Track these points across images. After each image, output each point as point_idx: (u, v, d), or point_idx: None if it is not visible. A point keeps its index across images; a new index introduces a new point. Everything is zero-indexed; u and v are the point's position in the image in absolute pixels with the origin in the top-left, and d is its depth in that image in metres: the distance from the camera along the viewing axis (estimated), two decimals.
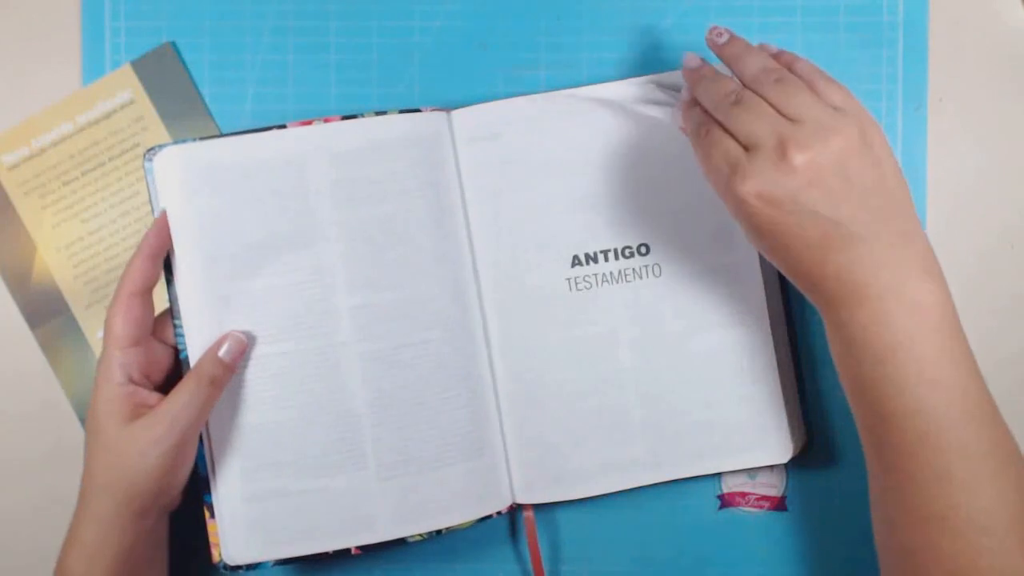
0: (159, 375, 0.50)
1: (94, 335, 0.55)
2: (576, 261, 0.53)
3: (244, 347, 0.50)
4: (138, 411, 0.47)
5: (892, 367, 0.42)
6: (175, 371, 0.50)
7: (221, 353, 0.49)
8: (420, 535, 0.51)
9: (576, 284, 0.53)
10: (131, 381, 0.48)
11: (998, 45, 0.55)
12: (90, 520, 0.47)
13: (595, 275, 0.53)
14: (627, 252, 0.53)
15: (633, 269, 0.53)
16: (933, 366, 0.42)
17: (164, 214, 0.49)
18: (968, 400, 0.42)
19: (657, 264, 0.53)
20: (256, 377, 0.50)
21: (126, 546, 0.47)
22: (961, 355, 0.43)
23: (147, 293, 0.49)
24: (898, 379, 0.42)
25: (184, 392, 0.47)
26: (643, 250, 0.53)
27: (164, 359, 0.50)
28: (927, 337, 0.42)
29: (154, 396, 0.48)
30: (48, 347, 0.55)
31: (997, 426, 0.43)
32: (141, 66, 0.55)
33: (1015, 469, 0.43)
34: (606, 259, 0.53)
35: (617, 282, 0.53)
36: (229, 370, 0.49)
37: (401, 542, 0.51)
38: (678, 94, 0.52)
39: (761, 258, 0.52)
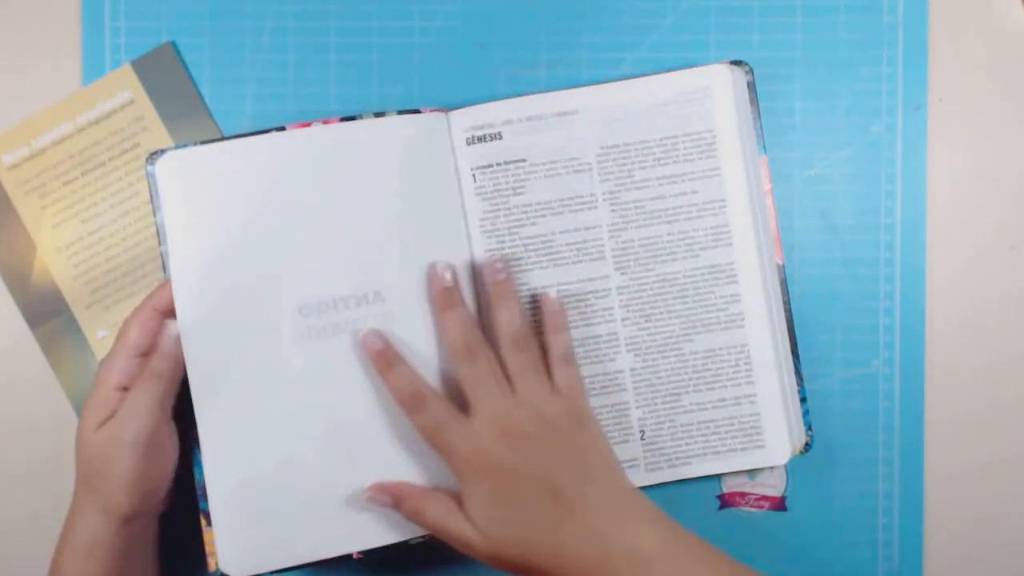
0: None
1: (94, 335, 0.55)
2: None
3: (175, 336, 0.49)
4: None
5: None
6: None
7: (162, 347, 0.49)
8: (421, 536, 0.51)
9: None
10: (125, 388, 0.48)
11: (998, 45, 0.55)
12: (81, 521, 0.47)
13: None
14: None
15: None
16: None
17: None
18: None
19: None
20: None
21: (117, 548, 0.47)
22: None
23: (171, 314, 0.49)
24: None
25: (137, 390, 0.47)
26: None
27: None
28: None
29: None
30: (48, 347, 0.55)
31: None
32: (141, 66, 0.55)
33: None
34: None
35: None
36: (168, 359, 0.48)
37: (402, 545, 0.51)
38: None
39: (761, 258, 0.52)
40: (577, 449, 0.47)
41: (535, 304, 0.52)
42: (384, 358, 0.49)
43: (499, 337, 0.50)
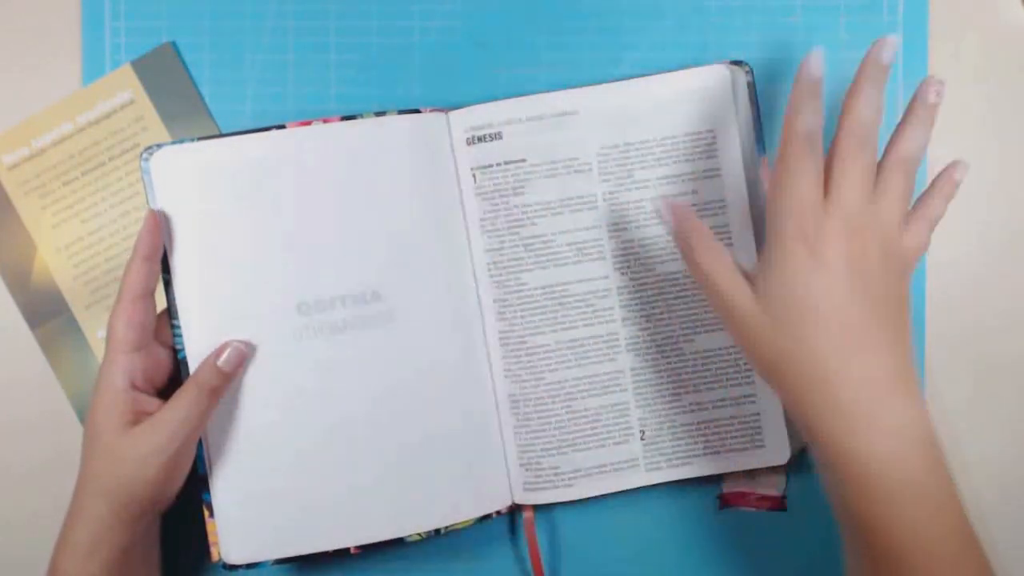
0: (162, 379, 0.50)
1: (94, 335, 0.55)
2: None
3: (244, 356, 0.49)
4: (138, 418, 0.47)
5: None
6: (176, 373, 0.50)
7: (220, 362, 0.48)
8: (419, 535, 0.51)
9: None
10: (134, 387, 0.48)
11: (998, 45, 0.55)
12: (85, 521, 0.47)
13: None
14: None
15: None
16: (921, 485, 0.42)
17: (152, 213, 0.49)
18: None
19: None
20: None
21: (120, 547, 0.47)
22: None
23: (148, 296, 0.49)
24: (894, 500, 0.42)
25: (183, 401, 0.47)
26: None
27: (166, 362, 0.50)
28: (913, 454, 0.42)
29: (154, 403, 0.48)
30: (48, 347, 0.55)
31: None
32: (141, 66, 0.55)
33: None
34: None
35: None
36: (228, 379, 0.49)
37: (400, 542, 0.51)
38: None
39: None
40: (898, 299, 0.44)
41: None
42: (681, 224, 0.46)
43: (891, 153, 0.45)
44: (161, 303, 0.50)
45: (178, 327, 0.50)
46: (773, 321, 0.43)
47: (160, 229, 0.49)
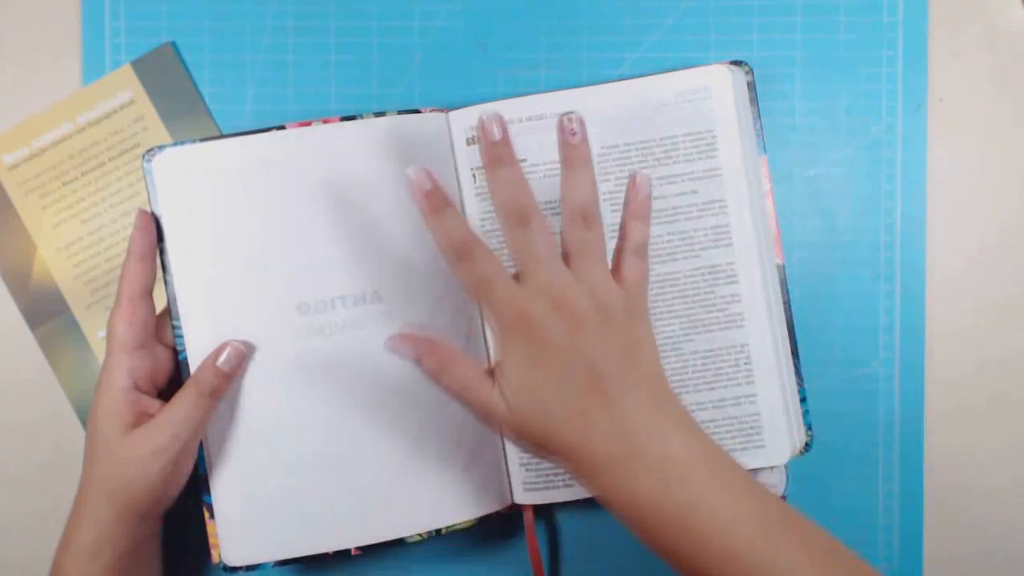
0: (163, 379, 0.50)
1: (94, 335, 0.55)
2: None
3: (242, 356, 0.49)
4: (140, 419, 0.47)
5: (689, 521, 0.42)
6: (177, 374, 0.50)
7: (220, 362, 0.48)
8: (419, 535, 0.51)
9: None
10: (136, 387, 0.48)
11: (998, 45, 0.55)
12: (88, 522, 0.47)
13: None
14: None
15: None
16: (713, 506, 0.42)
17: (143, 212, 0.49)
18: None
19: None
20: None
21: (124, 549, 0.47)
22: (731, 485, 0.43)
23: (147, 295, 0.49)
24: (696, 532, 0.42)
25: (184, 402, 0.47)
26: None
27: (167, 362, 0.50)
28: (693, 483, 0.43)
29: (155, 404, 0.48)
30: (48, 347, 0.55)
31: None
32: (141, 66, 0.55)
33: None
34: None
35: None
36: (228, 379, 0.49)
37: (400, 542, 0.51)
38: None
39: (761, 258, 0.52)
40: (629, 343, 0.44)
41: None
42: (432, 202, 0.45)
43: (564, 209, 0.45)
44: (162, 302, 0.50)
45: (179, 327, 0.50)
46: (523, 414, 0.44)
47: (152, 228, 0.49)
